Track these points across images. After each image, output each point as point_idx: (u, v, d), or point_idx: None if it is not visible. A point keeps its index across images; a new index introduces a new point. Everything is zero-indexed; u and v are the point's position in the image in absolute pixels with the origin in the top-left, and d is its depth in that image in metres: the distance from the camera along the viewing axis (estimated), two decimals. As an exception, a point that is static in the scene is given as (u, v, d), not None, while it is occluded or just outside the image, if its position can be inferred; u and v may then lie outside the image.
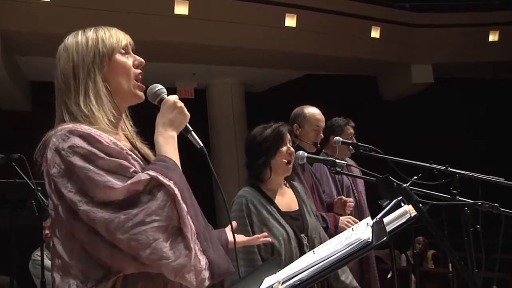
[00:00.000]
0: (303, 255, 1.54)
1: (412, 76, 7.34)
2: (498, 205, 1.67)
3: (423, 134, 7.46)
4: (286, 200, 2.16)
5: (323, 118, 2.90)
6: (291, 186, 2.24)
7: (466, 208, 1.72)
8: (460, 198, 1.81)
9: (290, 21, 6.07)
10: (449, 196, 1.88)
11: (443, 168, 2.16)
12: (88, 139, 1.12)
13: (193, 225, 1.11)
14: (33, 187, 2.46)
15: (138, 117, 1.38)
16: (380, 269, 3.09)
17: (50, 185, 1.14)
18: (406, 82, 7.51)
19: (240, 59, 6.40)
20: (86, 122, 1.17)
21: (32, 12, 4.80)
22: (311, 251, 1.22)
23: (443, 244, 1.13)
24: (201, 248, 1.11)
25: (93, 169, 1.08)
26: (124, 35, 1.29)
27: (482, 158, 7.15)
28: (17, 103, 6.09)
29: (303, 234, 2.08)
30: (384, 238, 0.93)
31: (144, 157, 1.27)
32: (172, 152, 1.20)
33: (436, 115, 7.73)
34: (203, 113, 7.20)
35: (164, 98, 1.27)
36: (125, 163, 1.12)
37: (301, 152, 2.35)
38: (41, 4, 4.81)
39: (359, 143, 2.73)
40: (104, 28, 1.28)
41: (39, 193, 2.48)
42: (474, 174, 2.08)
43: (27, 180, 2.47)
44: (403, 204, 1.73)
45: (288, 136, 2.17)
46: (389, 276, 3.35)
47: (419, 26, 7.07)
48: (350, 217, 2.63)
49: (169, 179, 1.11)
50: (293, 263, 1.21)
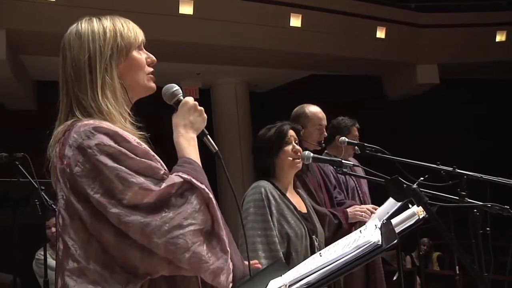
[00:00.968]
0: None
1: (417, 76, 7.30)
2: (508, 207, 1.64)
3: (428, 135, 7.41)
4: (296, 200, 2.14)
5: (324, 116, 2.89)
6: (297, 191, 2.23)
7: (475, 210, 1.69)
8: (469, 200, 1.77)
9: (295, 21, 6.05)
10: (457, 198, 1.85)
11: (450, 169, 2.13)
12: (115, 137, 1.07)
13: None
14: (36, 186, 2.45)
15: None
16: (385, 270, 3.05)
17: (66, 184, 1.07)
18: (411, 83, 7.47)
19: (245, 59, 6.39)
20: (101, 119, 1.11)
21: (36, 11, 4.80)
22: (318, 253, 1.20)
23: (454, 246, 1.10)
24: None
25: (124, 169, 1.04)
26: (139, 30, 1.25)
27: (488, 159, 7.09)
28: (22, 103, 6.10)
29: (314, 236, 2.06)
30: (395, 241, 0.90)
31: None
32: (195, 155, 1.17)
33: (442, 115, 7.68)
34: (208, 113, 6.97)
35: (181, 99, 1.25)
36: (155, 165, 1.09)
37: (306, 152, 2.32)
38: (45, 3, 4.82)
39: (365, 144, 2.70)
40: (120, 20, 1.23)
41: (42, 192, 2.47)
42: (482, 175, 2.05)
43: (31, 179, 2.46)
44: (410, 206, 1.70)
45: (293, 135, 2.15)
46: (394, 278, 3.32)
47: (424, 26, 7.03)
48: (355, 206, 2.57)
49: (201, 182, 1.09)
50: (299, 265, 1.19)
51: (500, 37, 7.28)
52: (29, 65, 5.83)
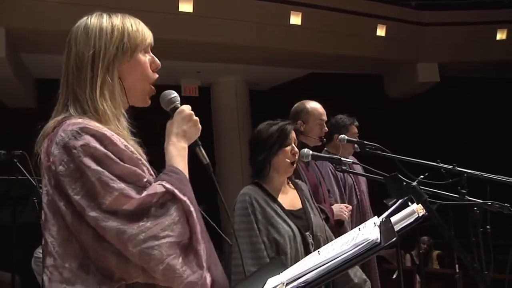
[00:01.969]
0: (308, 254, 1.51)
1: (418, 75, 7.28)
2: (508, 205, 1.63)
3: (429, 133, 7.39)
4: (289, 198, 2.14)
5: (325, 112, 2.91)
6: (294, 184, 2.22)
7: (475, 208, 1.68)
8: (469, 198, 1.77)
9: (295, 19, 6.04)
10: (457, 196, 1.84)
11: (450, 167, 2.13)
12: (102, 139, 1.06)
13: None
14: (34, 184, 2.44)
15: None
16: (384, 269, 3.05)
17: (50, 181, 1.08)
18: (412, 81, 7.46)
19: (245, 57, 6.38)
20: (94, 118, 1.11)
21: (36, 10, 4.80)
22: (316, 251, 1.19)
23: (454, 244, 1.09)
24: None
25: (107, 173, 1.03)
26: (149, 32, 1.23)
27: (489, 157, 7.08)
28: (22, 101, 6.10)
29: (308, 233, 2.05)
30: (393, 239, 0.90)
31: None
32: (183, 165, 1.16)
33: (443, 114, 7.66)
34: (208, 111, 7.18)
35: (178, 106, 1.23)
36: (138, 171, 1.07)
37: (305, 150, 2.32)
38: (45, 1, 4.81)
39: (365, 141, 2.70)
40: (130, 19, 1.21)
41: (40, 190, 2.46)
42: (482, 173, 2.04)
43: (29, 177, 2.46)
44: (410, 204, 1.69)
45: (294, 137, 2.14)
46: (394, 276, 3.31)
47: (425, 25, 7.02)
48: (340, 205, 2.75)
49: (184, 194, 1.07)
50: (297, 264, 1.18)
51: (501, 35, 7.26)
52: (29, 63, 5.83)
